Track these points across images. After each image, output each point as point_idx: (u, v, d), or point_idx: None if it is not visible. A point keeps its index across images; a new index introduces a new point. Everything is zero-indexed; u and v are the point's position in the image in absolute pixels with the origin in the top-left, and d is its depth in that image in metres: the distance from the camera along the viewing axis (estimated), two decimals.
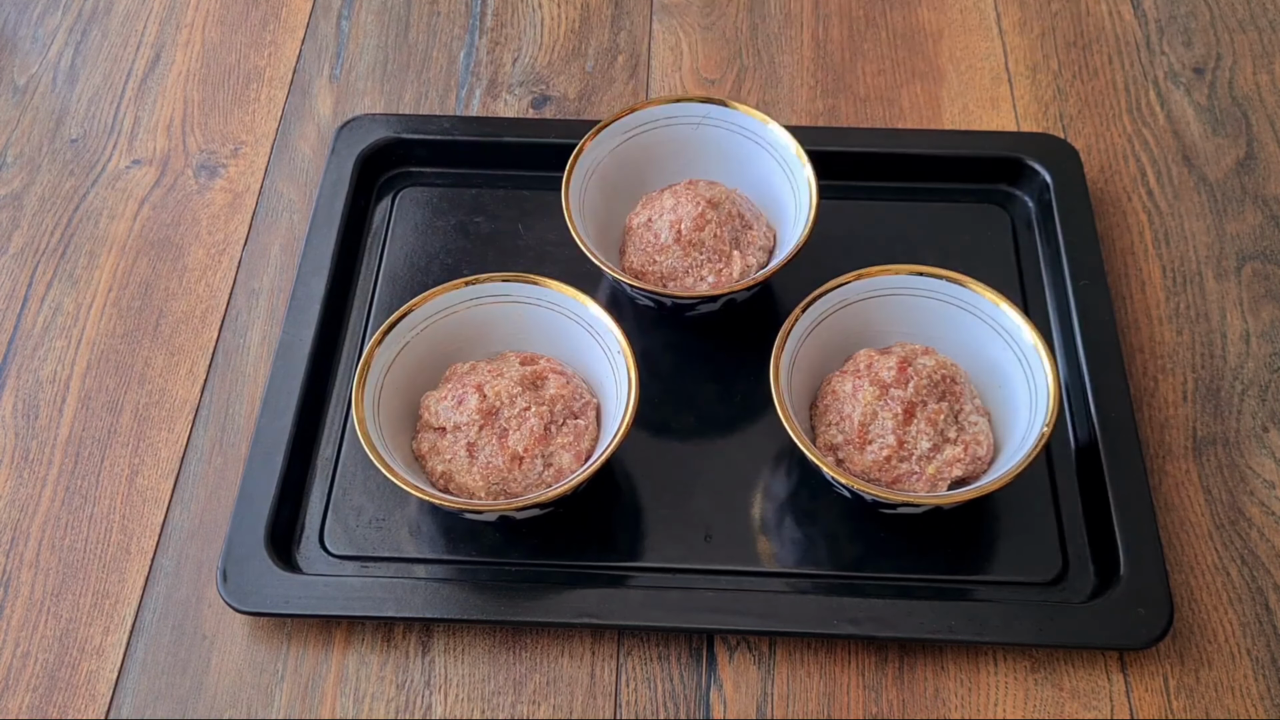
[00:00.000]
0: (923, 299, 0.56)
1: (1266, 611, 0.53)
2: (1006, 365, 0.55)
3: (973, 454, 0.53)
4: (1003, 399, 0.55)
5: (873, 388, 0.53)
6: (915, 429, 0.52)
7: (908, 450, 0.52)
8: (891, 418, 0.52)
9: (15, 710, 0.51)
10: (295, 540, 0.55)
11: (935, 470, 0.52)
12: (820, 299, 0.55)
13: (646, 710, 0.51)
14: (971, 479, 0.53)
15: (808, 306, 0.55)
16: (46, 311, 0.64)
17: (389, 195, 0.67)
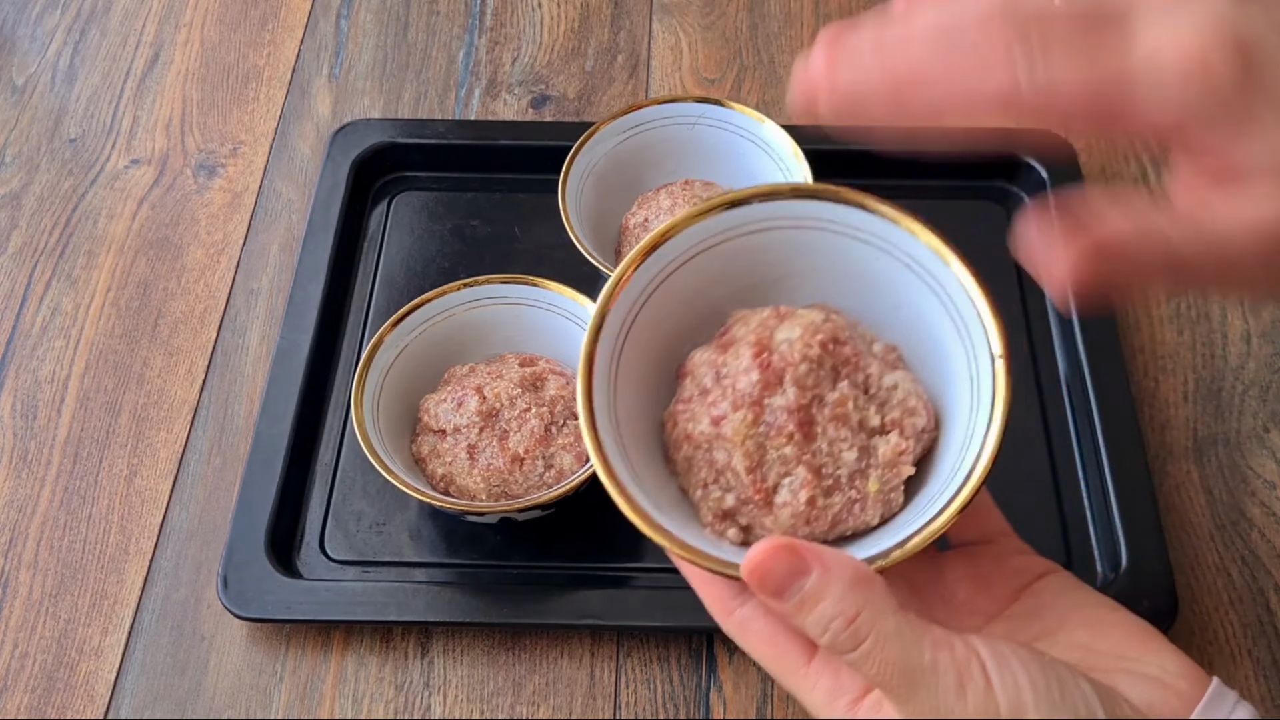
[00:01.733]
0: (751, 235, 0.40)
1: (1268, 612, 0.53)
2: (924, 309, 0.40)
3: (914, 430, 0.38)
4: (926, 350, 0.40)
5: (739, 413, 0.37)
6: (825, 442, 0.37)
7: (830, 476, 0.37)
8: (787, 442, 0.36)
9: (13, 711, 0.51)
10: (296, 546, 0.55)
11: (880, 485, 0.37)
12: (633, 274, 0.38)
13: (646, 711, 0.51)
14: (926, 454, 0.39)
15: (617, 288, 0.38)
16: (45, 311, 0.64)
17: (385, 200, 0.67)
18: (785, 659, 0.34)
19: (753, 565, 0.31)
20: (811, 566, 0.31)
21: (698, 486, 0.38)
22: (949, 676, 0.30)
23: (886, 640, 0.30)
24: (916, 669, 0.30)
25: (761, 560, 0.31)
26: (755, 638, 0.35)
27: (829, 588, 0.31)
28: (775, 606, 0.32)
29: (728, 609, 0.35)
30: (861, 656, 0.31)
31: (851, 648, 0.31)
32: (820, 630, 0.31)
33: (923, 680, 0.30)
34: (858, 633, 0.30)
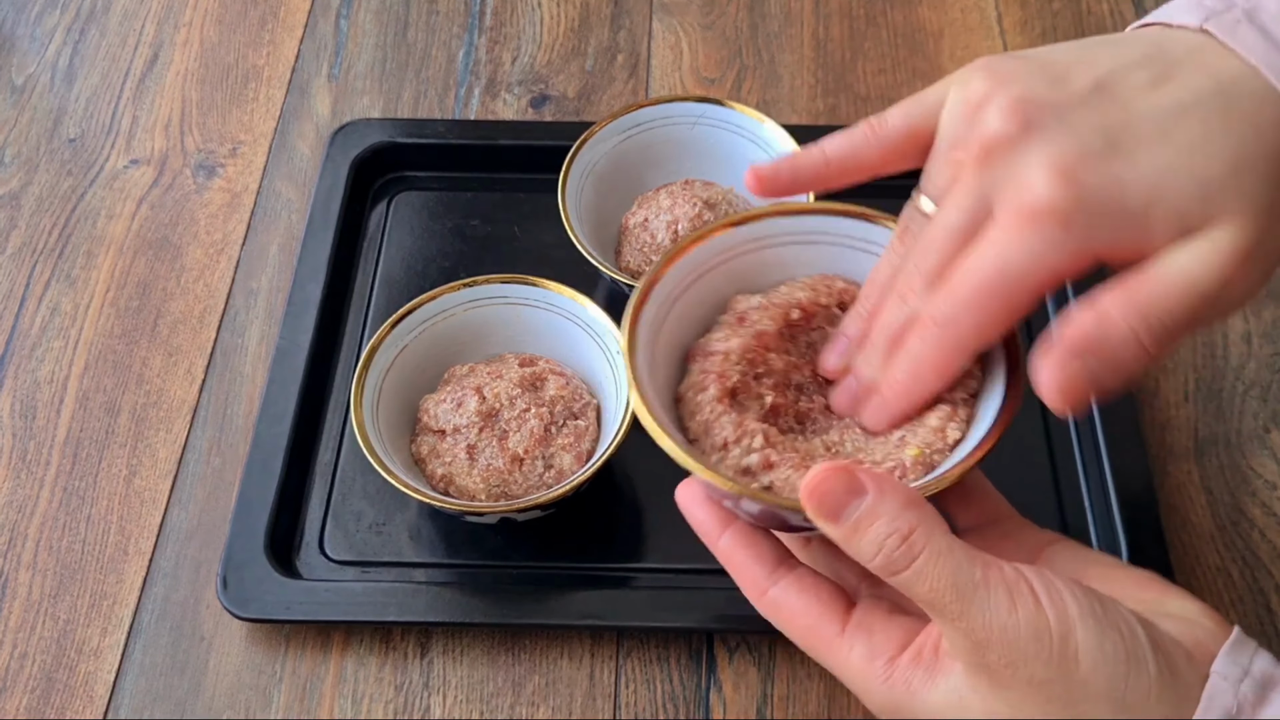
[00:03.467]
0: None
1: (1268, 613, 0.53)
2: None
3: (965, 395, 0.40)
4: None
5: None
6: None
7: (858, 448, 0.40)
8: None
9: (13, 711, 0.51)
10: (295, 546, 0.55)
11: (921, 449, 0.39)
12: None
13: (646, 711, 0.51)
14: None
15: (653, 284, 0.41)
16: (44, 312, 0.64)
17: (385, 199, 0.67)
18: (819, 630, 0.36)
19: (811, 486, 0.32)
20: (867, 487, 0.32)
21: (716, 450, 0.39)
22: (1000, 592, 0.31)
23: (940, 556, 0.31)
24: (969, 584, 0.31)
25: (820, 481, 0.32)
26: (789, 613, 0.36)
27: (883, 506, 0.32)
28: (831, 531, 0.33)
29: (761, 589, 0.37)
30: (915, 574, 0.32)
31: (906, 565, 0.32)
32: (875, 549, 0.32)
33: (975, 595, 0.31)
34: (912, 548, 0.31)
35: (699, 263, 0.42)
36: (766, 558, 0.37)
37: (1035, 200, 0.34)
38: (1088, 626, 0.31)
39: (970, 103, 0.36)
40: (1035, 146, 0.34)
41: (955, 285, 0.35)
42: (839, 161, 0.40)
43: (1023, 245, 0.34)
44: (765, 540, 0.38)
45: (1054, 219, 0.34)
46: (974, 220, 0.35)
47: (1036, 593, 0.31)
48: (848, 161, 0.40)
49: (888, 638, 0.35)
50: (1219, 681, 0.32)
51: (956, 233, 0.36)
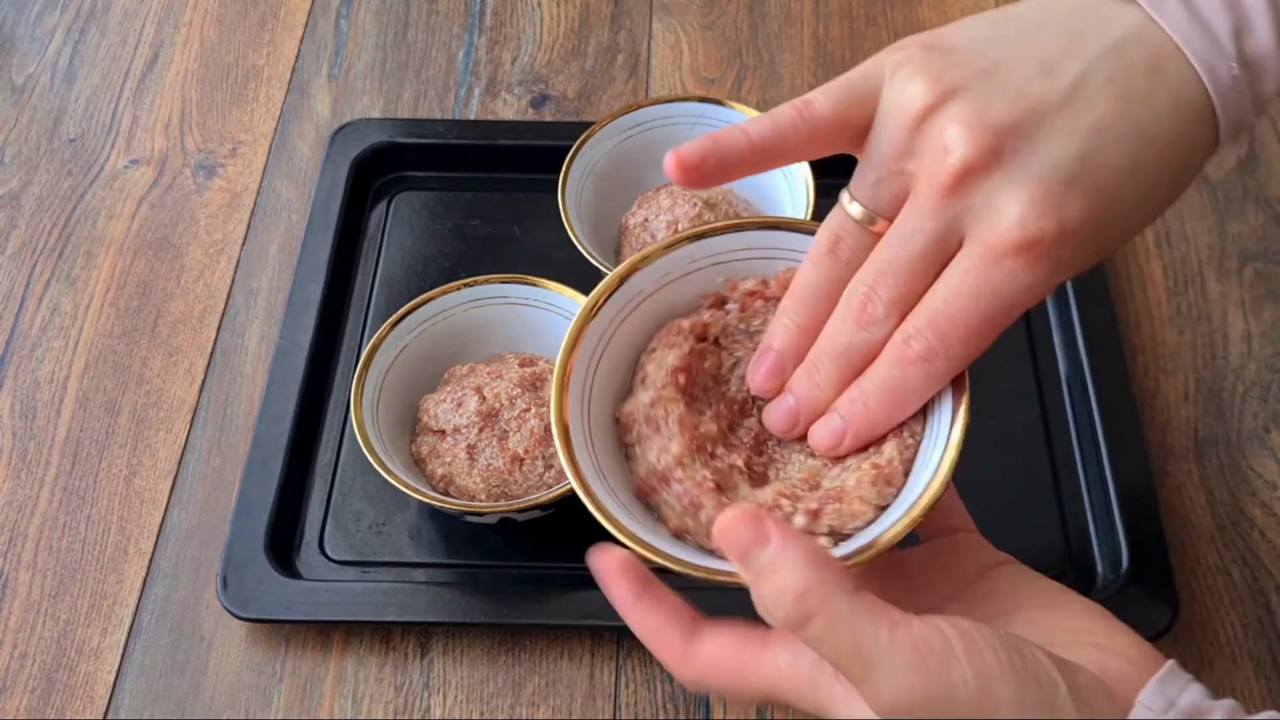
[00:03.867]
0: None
1: (1268, 613, 0.53)
2: None
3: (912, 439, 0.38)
4: None
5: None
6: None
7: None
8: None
9: (13, 711, 0.51)
10: (295, 546, 0.55)
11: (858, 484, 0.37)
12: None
13: (646, 712, 0.51)
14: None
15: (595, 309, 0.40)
16: (44, 312, 0.63)
17: (385, 199, 0.67)
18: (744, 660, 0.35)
19: (721, 527, 0.32)
20: (771, 537, 0.31)
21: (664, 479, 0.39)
22: (907, 655, 0.30)
23: (838, 619, 0.30)
24: (873, 648, 0.30)
25: (729, 525, 0.32)
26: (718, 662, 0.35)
27: (784, 558, 0.31)
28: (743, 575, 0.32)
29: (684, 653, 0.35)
30: (813, 635, 0.31)
31: (800, 625, 0.31)
32: (774, 604, 0.31)
33: (879, 660, 0.30)
34: (806, 607, 0.30)
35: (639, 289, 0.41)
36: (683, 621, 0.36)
37: (1019, 235, 0.33)
38: (1007, 682, 0.30)
39: (914, 112, 0.35)
40: (1009, 176, 0.34)
41: (938, 320, 0.35)
42: (764, 146, 0.37)
43: (1012, 278, 0.34)
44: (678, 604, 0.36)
45: (1038, 252, 0.34)
46: (943, 249, 0.35)
47: (952, 652, 0.30)
48: (773, 147, 0.37)
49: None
50: (1143, 712, 0.32)
51: (924, 260, 0.35)
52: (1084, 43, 0.36)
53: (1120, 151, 0.34)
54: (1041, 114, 0.34)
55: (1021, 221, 0.33)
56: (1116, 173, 0.34)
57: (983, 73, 0.35)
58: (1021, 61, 0.35)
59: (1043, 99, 0.35)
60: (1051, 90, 0.35)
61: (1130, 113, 0.35)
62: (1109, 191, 0.34)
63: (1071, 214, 0.34)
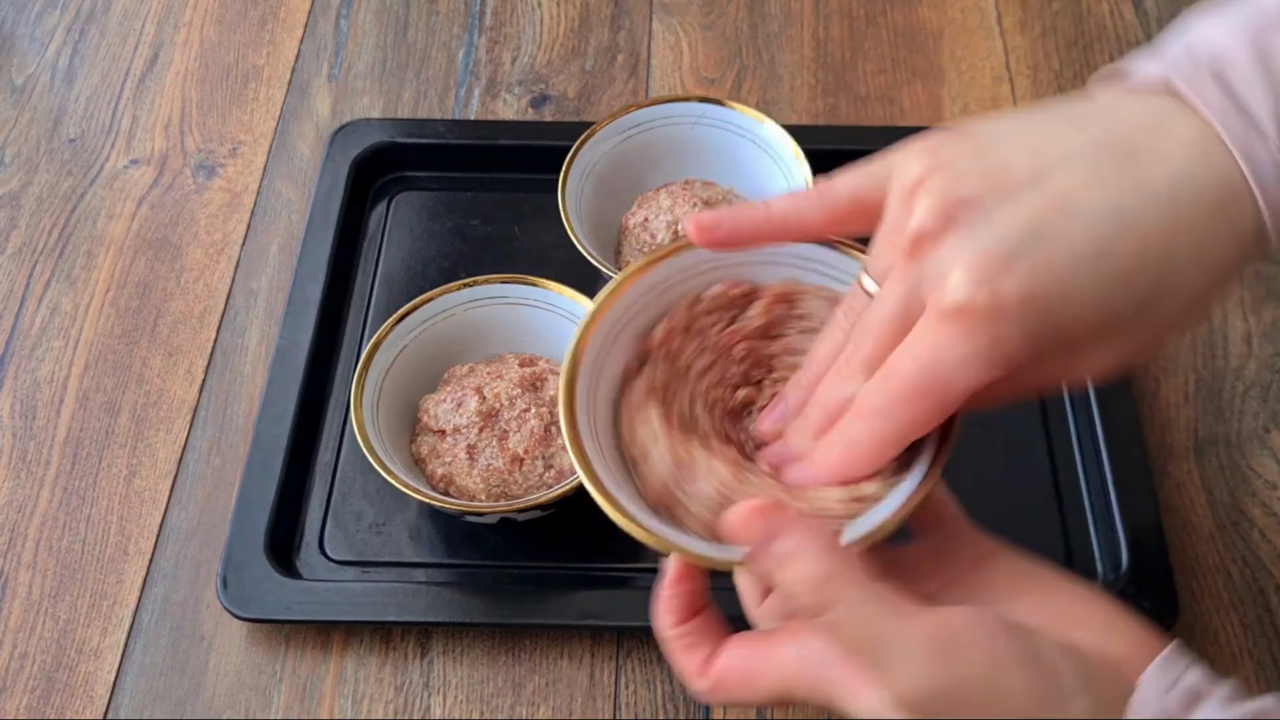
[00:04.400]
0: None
1: (1268, 613, 0.53)
2: None
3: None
4: None
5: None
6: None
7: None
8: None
9: (13, 711, 0.51)
10: (295, 546, 0.55)
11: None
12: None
13: (646, 712, 0.51)
14: None
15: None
16: (44, 312, 0.63)
17: (385, 199, 0.67)
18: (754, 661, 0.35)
19: (736, 522, 0.32)
20: (790, 527, 0.32)
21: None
22: (921, 644, 0.31)
23: (856, 607, 0.31)
24: (886, 633, 0.31)
25: (746, 518, 0.32)
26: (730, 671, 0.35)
27: (805, 548, 0.32)
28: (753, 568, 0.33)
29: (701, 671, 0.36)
30: (830, 623, 0.31)
31: (817, 613, 0.31)
32: (792, 592, 0.32)
33: (893, 648, 0.31)
34: (827, 596, 0.31)
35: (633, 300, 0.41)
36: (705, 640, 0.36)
37: (952, 301, 0.33)
38: (1017, 670, 0.31)
39: (907, 187, 0.36)
40: (955, 243, 0.34)
41: (889, 377, 0.35)
42: (781, 220, 0.39)
43: (947, 344, 0.33)
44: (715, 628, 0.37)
45: (973, 322, 0.33)
46: (907, 311, 0.35)
47: (964, 641, 0.31)
48: (790, 221, 0.39)
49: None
50: (1147, 691, 0.32)
51: (890, 322, 0.35)
52: (1084, 124, 0.35)
53: (1084, 231, 0.33)
54: (1006, 188, 0.34)
55: (955, 288, 0.33)
56: (1075, 253, 0.33)
57: (974, 152, 0.35)
58: (1018, 141, 0.35)
59: (1014, 174, 0.34)
60: (1028, 167, 0.34)
61: (1105, 193, 0.33)
62: (1061, 271, 0.33)
63: (1007, 287, 0.33)
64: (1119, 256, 0.33)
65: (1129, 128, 0.35)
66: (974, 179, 0.34)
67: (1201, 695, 0.32)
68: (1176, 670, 0.33)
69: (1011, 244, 0.33)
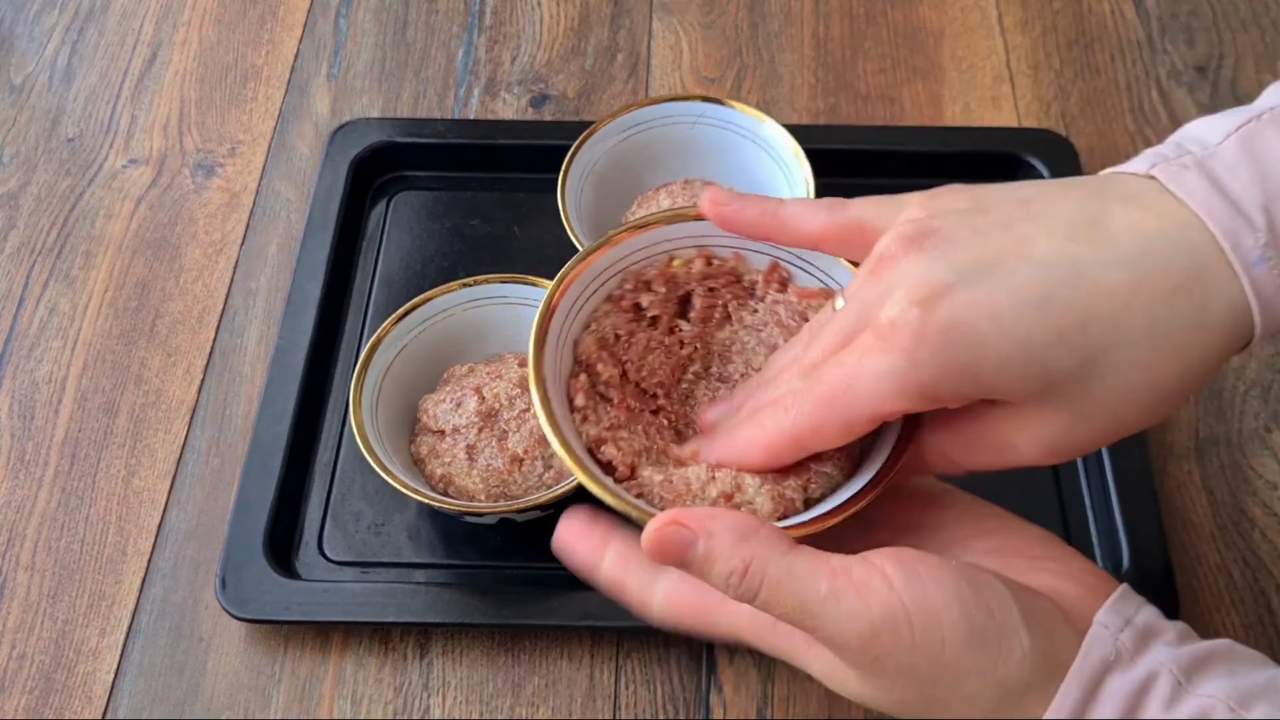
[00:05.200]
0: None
1: (1269, 613, 0.53)
2: None
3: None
4: None
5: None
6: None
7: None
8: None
9: (11, 711, 0.51)
10: (294, 547, 0.54)
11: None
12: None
13: (646, 712, 0.51)
14: None
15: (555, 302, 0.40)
16: (43, 312, 0.63)
17: (384, 199, 0.67)
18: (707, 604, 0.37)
19: (650, 541, 0.33)
20: (696, 534, 0.33)
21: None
22: (849, 598, 0.32)
23: (780, 583, 0.32)
24: (815, 600, 0.32)
25: (657, 537, 0.33)
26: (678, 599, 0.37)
27: (716, 548, 0.33)
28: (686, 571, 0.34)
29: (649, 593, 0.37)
30: (762, 605, 0.33)
31: (751, 598, 0.33)
32: (723, 587, 0.33)
33: (823, 609, 0.32)
34: (751, 581, 0.32)
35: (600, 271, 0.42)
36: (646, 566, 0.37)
37: (887, 319, 0.33)
38: (951, 609, 0.32)
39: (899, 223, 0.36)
40: (908, 266, 0.34)
41: (812, 381, 0.35)
42: (784, 220, 0.39)
43: (868, 359, 0.34)
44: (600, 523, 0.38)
45: (895, 339, 0.33)
46: (856, 327, 0.35)
47: (894, 584, 0.32)
48: (792, 224, 0.39)
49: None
50: (1099, 630, 0.33)
51: (839, 334, 0.36)
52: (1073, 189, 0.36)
53: (1034, 275, 0.32)
54: (979, 228, 0.34)
55: (890, 306, 0.33)
56: (1018, 296, 0.32)
57: (970, 198, 0.36)
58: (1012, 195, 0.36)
59: (992, 218, 0.34)
60: (1007, 215, 0.34)
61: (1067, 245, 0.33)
62: (998, 309, 0.32)
63: (938, 314, 0.32)
64: (1063, 308, 0.32)
65: (1110, 196, 0.35)
66: (954, 218, 0.35)
67: (1154, 633, 0.33)
68: (1129, 610, 0.33)
69: (958, 274, 0.33)
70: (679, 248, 0.43)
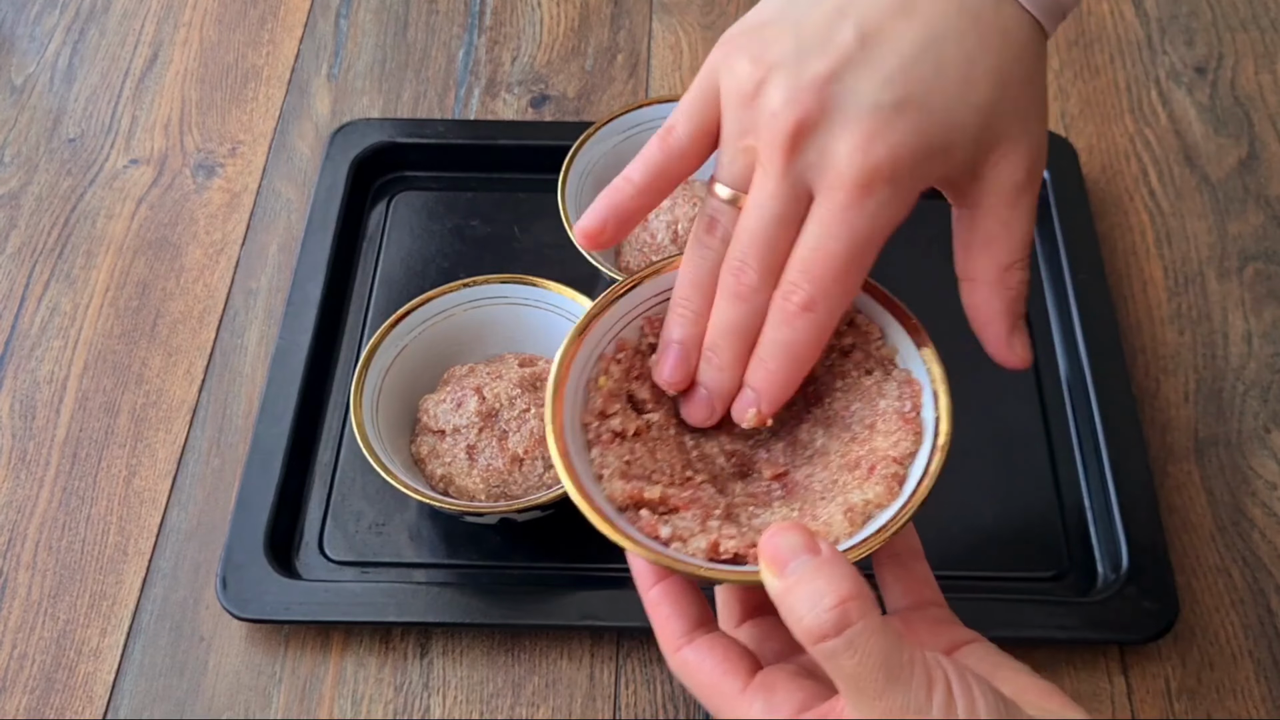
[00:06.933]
0: None
1: (1269, 613, 0.53)
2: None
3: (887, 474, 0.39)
4: None
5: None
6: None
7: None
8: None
9: (12, 711, 0.51)
10: (295, 546, 0.55)
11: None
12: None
13: (646, 712, 0.51)
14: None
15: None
16: (44, 312, 0.63)
17: (384, 199, 0.67)
18: (721, 686, 0.36)
19: (767, 538, 0.33)
20: (819, 548, 0.33)
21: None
22: (921, 679, 0.31)
23: (874, 632, 0.31)
24: (897, 665, 0.31)
25: (775, 534, 0.33)
26: (695, 669, 0.36)
27: (828, 568, 0.32)
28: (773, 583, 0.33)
29: (675, 646, 0.37)
30: (846, 642, 0.32)
31: (836, 631, 0.32)
32: (809, 607, 0.32)
33: (899, 677, 0.31)
34: (847, 614, 0.32)
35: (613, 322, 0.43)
36: (688, 616, 0.37)
37: (858, 172, 0.36)
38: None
39: (745, 92, 0.37)
40: (837, 125, 0.36)
41: (810, 267, 0.37)
42: (647, 185, 0.41)
43: (864, 213, 0.36)
44: (692, 600, 0.38)
45: (880, 182, 0.36)
46: (796, 206, 0.37)
47: (951, 686, 0.32)
48: (655, 181, 0.41)
49: (788, 697, 0.35)
50: None
51: (781, 221, 0.37)
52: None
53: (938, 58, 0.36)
54: (850, 57, 0.36)
55: (852, 159, 0.36)
56: (945, 80, 0.36)
57: (793, 36, 0.37)
58: (821, 12, 0.37)
59: (847, 43, 0.37)
60: (851, 33, 0.37)
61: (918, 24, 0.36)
62: (937, 101, 0.36)
63: (899, 138, 0.36)
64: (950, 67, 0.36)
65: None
66: (814, 60, 0.37)
67: None
68: None
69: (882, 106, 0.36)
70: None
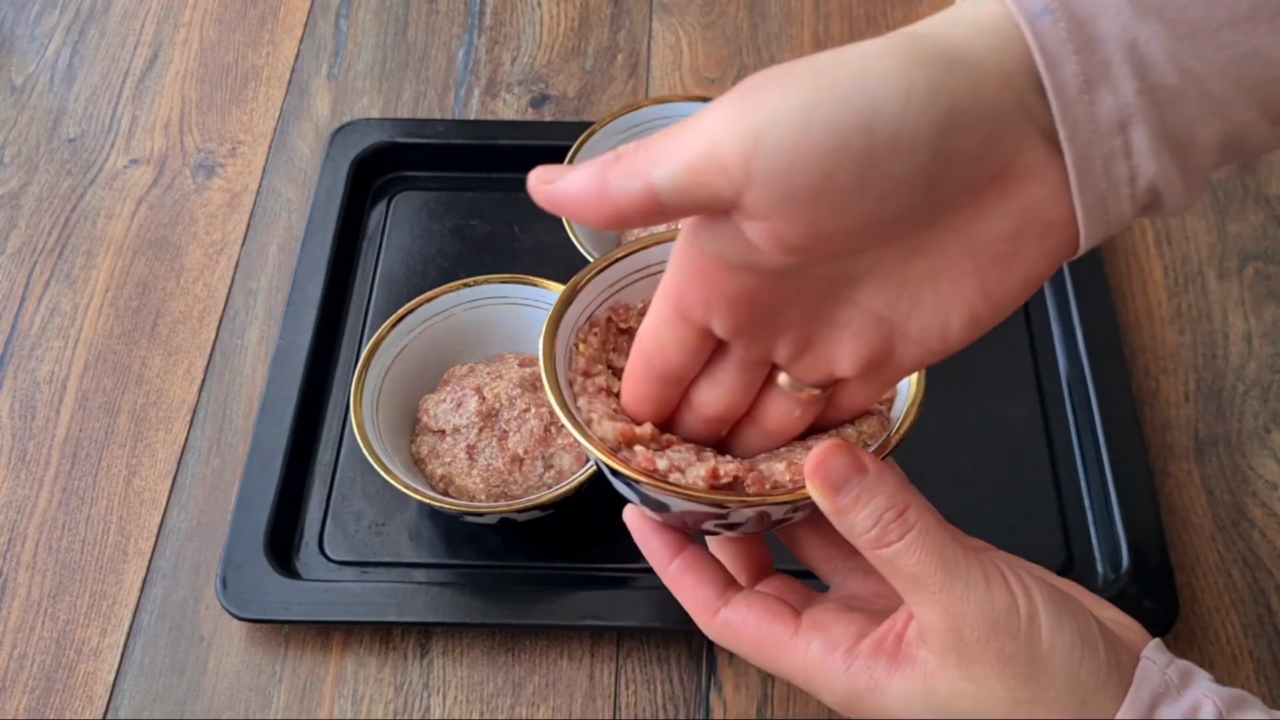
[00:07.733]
0: None
1: (1269, 613, 0.53)
2: None
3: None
4: None
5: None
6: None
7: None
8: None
9: (12, 711, 0.51)
10: (295, 546, 0.55)
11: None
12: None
13: (646, 712, 0.51)
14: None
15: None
16: (44, 312, 0.63)
17: (384, 199, 0.67)
18: (772, 636, 0.37)
19: (817, 461, 0.34)
20: (868, 465, 0.34)
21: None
22: (976, 570, 0.33)
23: (929, 532, 0.34)
24: (953, 560, 0.33)
25: (825, 457, 0.34)
26: (740, 627, 0.37)
27: (883, 484, 0.34)
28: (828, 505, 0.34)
29: (712, 610, 0.38)
30: (907, 545, 0.34)
31: (899, 536, 0.34)
32: (872, 522, 0.34)
33: (957, 570, 0.33)
34: (906, 521, 0.34)
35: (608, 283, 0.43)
36: (715, 582, 0.38)
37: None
38: (1049, 610, 0.33)
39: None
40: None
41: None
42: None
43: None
44: (713, 566, 0.39)
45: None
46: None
47: (1006, 575, 0.34)
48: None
49: (844, 630, 0.36)
50: (1149, 665, 0.34)
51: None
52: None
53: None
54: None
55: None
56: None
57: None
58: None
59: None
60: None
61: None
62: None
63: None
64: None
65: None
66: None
67: (1194, 672, 0.35)
68: (1167, 655, 0.36)
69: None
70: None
